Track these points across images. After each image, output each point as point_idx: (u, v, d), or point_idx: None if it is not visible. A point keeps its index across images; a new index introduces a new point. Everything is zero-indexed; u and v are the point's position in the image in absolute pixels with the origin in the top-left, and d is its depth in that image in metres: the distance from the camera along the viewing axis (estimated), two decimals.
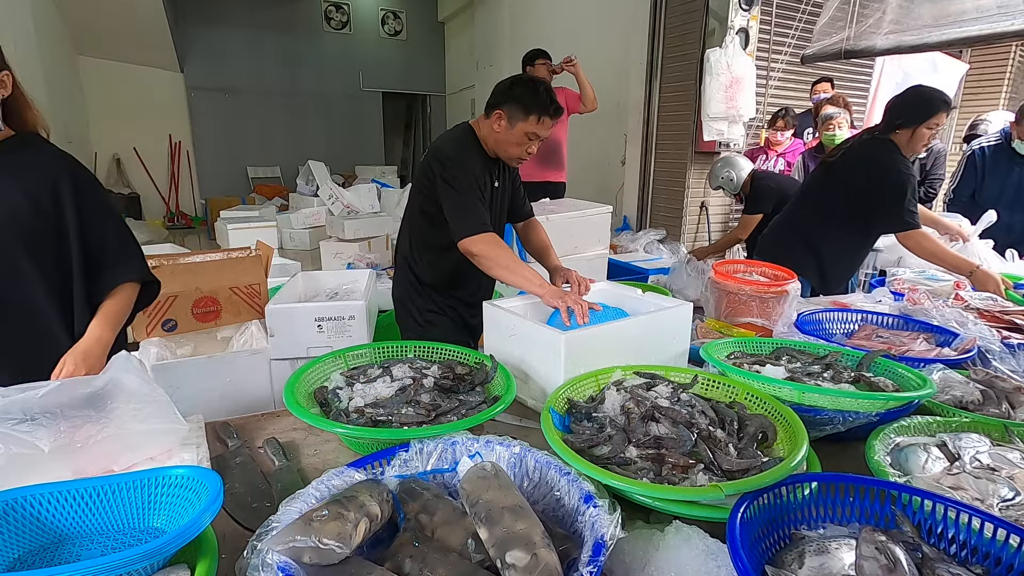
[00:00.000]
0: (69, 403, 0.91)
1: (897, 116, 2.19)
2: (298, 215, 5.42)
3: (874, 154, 2.24)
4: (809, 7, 4.38)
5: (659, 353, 1.39)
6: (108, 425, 0.91)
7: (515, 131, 1.72)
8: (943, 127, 2.21)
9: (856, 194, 2.24)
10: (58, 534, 0.76)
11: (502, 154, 1.80)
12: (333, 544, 0.63)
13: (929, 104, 2.13)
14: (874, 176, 2.20)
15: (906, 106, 2.19)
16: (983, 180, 3.07)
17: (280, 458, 1.06)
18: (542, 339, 1.27)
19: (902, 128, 2.17)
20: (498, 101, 1.73)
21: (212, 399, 1.95)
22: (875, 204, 2.21)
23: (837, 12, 3.64)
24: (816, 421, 1.05)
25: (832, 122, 3.39)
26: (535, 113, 1.69)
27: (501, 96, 1.73)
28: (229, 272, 2.28)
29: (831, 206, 2.32)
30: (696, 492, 0.79)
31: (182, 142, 8.50)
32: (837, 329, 1.77)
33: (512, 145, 1.75)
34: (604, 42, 5.37)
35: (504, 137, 1.74)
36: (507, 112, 1.71)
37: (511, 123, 1.71)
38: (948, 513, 0.74)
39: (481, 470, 0.77)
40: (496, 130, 1.75)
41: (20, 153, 1.22)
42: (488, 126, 1.78)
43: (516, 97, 1.70)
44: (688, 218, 4.70)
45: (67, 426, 0.88)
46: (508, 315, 1.37)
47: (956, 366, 1.36)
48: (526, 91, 1.70)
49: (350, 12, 9.35)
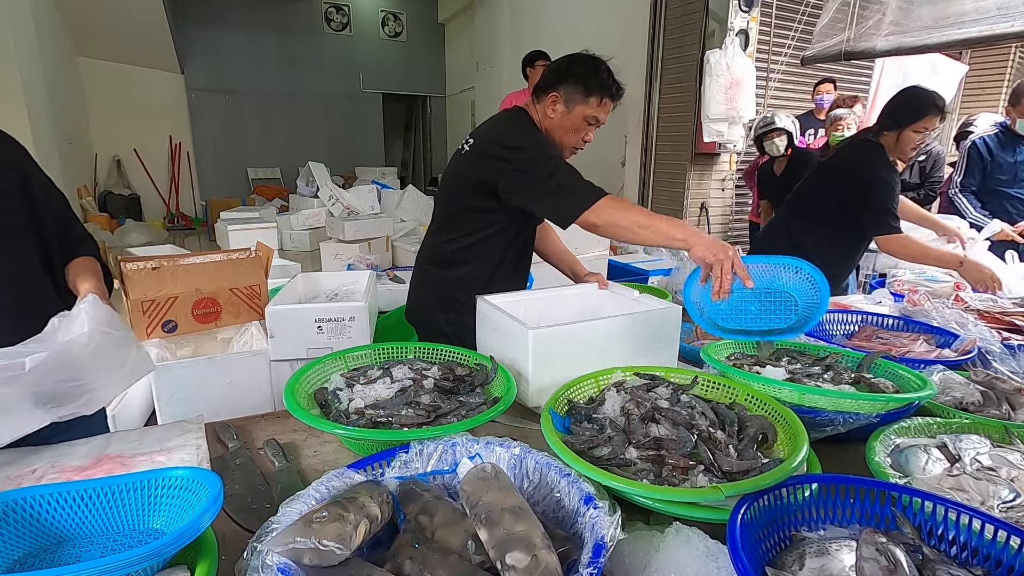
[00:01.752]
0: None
1: (887, 117, 2.18)
2: (298, 216, 5.42)
3: (858, 157, 2.22)
4: (809, 8, 4.38)
5: (641, 357, 1.29)
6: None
7: (573, 115, 1.54)
8: (934, 131, 2.18)
9: (842, 197, 2.23)
10: (58, 535, 0.76)
11: (561, 143, 1.61)
12: (333, 545, 0.63)
13: (918, 107, 2.09)
14: (857, 179, 2.18)
15: (896, 107, 2.17)
16: (992, 163, 3.10)
17: (280, 459, 1.06)
18: (512, 333, 1.23)
19: (889, 130, 2.15)
20: (552, 82, 1.54)
21: (212, 400, 1.95)
22: (857, 207, 2.19)
23: (837, 13, 3.64)
24: (816, 422, 1.05)
25: (840, 123, 3.40)
26: (597, 94, 1.51)
27: (556, 76, 1.54)
28: (229, 273, 2.28)
29: (820, 209, 2.31)
30: (696, 493, 0.79)
31: (182, 143, 8.51)
32: (837, 330, 1.77)
33: (569, 132, 1.57)
34: (604, 43, 5.35)
35: (560, 122, 1.56)
36: (564, 94, 1.52)
37: (568, 107, 1.53)
38: (948, 514, 0.74)
39: (481, 471, 0.77)
40: (551, 115, 1.56)
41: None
42: (541, 111, 1.59)
43: (576, 76, 1.51)
44: (688, 219, 4.70)
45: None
46: (494, 310, 1.35)
47: (956, 367, 1.36)
48: (586, 70, 1.52)
49: (350, 13, 9.37)
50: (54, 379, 0.91)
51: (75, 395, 0.93)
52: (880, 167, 2.16)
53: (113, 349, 0.98)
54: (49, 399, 0.92)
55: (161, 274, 2.12)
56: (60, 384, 0.92)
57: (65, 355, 0.92)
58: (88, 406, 0.95)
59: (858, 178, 2.18)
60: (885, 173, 2.15)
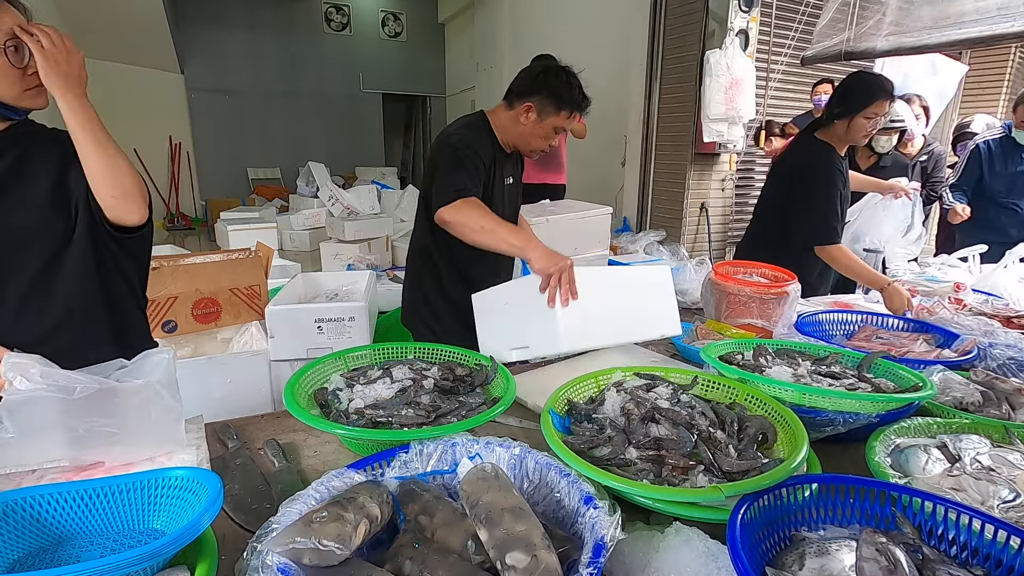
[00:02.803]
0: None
1: (836, 105, 2.10)
2: (298, 216, 5.42)
3: (804, 160, 2.18)
4: (809, 8, 4.38)
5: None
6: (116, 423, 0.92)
7: (544, 125, 1.62)
8: (884, 117, 2.09)
9: (790, 199, 2.19)
10: (58, 535, 0.76)
11: (523, 146, 1.70)
12: (333, 545, 0.63)
13: (868, 92, 2.03)
14: (800, 183, 2.15)
15: (845, 94, 2.10)
16: (989, 173, 3.08)
17: (280, 459, 1.06)
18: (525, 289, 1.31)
19: (840, 118, 2.08)
20: (527, 91, 1.61)
21: (212, 400, 1.95)
22: (797, 212, 2.15)
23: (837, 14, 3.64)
24: (816, 422, 1.05)
25: None
26: (568, 108, 1.60)
27: (531, 86, 1.61)
28: (229, 273, 2.29)
29: (778, 211, 2.26)
30: (696, 493, 0.79)
31: (182, 143, 8.50)
32: (837, 330, 1.77)
33: (539, 138, 1.66)
34: (604, 43, 5.38)
35: (531, 130, 1.64)
36: (538, 105, 1.60)
37: (541, 117, 1.61)
38: (948, 514, 0.74)
39: (481, 471, 0.77)
40: (523, 122, 1.64)
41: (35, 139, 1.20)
42: (511, 118, 1.66)
43: (549, 90, 1.59)
44: (688, 219, 4.71)
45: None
46: (495, 292, 1.37)
47: (956, 367, 1.36)
48: (560, 84, 1.59)
49: (350, 13, 9.36)
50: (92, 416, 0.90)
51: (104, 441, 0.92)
52: (825, 173, 2.11)
53: (158, 412, 0.96)
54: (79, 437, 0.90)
55: (161, 274, 2.12)
56: (93, 424, 0.90)
57: (111, 396, 0.91)
58: (110, 457, 0.94)
59: (805, 182, 2.14)
60: (827, 181, 2.10)
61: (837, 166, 2.15)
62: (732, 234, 4.82)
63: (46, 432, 0.88)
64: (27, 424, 0.86)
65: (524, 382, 1.35)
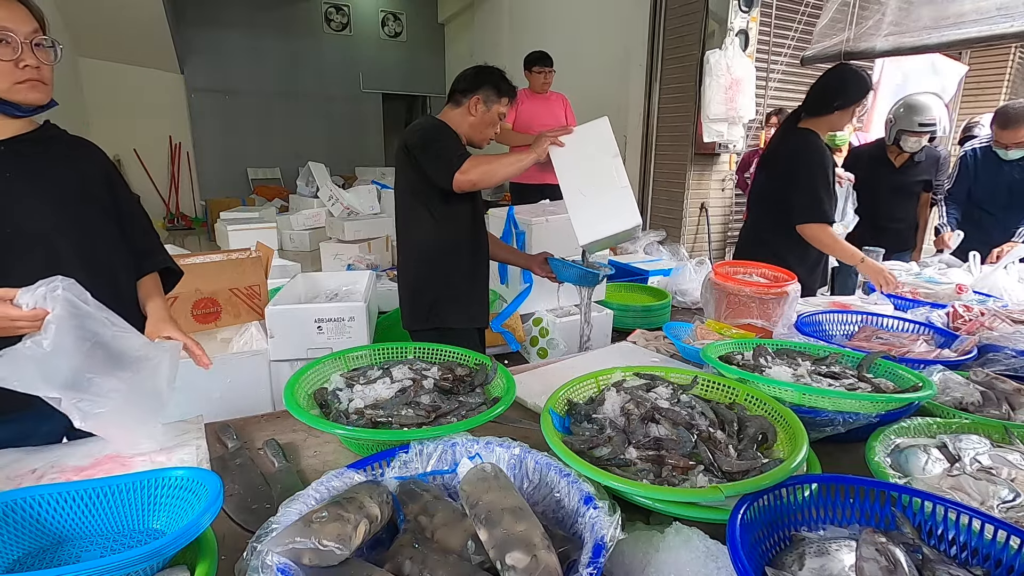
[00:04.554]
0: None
1: (835, 96, 2.21)
2: (298, 216, 5.43)
3: (794, 148, 2.30)
4: (809, 8, 4.38)
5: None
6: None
7: (491, 113, 1.90)
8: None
9: (782, 188, 2.30)
10: (58, 535, 0.76)
11: (476, 136, 1.94)
12: (333, 545, 0.63)
13: (862, 85, 2.20)
14: (791, 168, 2.27)
15: (842, 87, 2.21)
16: (976, 181, 3.07)
17: (280, 459, 1.06)
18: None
19: (841, 109, 2.21)
20: (472, 87, 1.88)
21: (212, 400, 1.95)
22: (790, 195, 2.26)
23: (837, 14, 3.64)
24: (816, 422, 1.05)
25: None
26: (506, 95, 1.90)
27: (474, 82, 1.88)
28: (229, 273, 2.29)
29: (769, 203, 2.38)
30: (696, 493, 0.79)
31: (182, 143, 8.50)
32: (837, 330, 1.77)
33: (487, 126, 1.92)
34: (604, 43, 5.38)
35: (480, 120, 1.90)
36: (484, 96, 1.88)
37: (488, 106, 1.88)
38: (948, 515, 0.74)
39: (481, 471, 0.77)
40: (473, 114, 1.89)
41: (61, 141, 1.24)
42: (460, 114, 1.91)
43: (491, 82, 1.88)
44: (688, 219, 4.71)
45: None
46: (567, 179, 1.79)
47: (956, 367, 1.36)
48: (496, 77, 1.89)
49: (350, 13, 9.36)
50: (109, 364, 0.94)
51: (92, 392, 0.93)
52: (815, 155, 2.24)
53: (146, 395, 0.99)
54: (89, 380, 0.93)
55: None
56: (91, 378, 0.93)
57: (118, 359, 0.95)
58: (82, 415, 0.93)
59: (795, 167, 2.27)
60: (820, 162, 2.23)
61: (823, 151, 2.27)
62: (732, 234, 4.82)
63: (70, 358, 0.90)
64: (62, 345, 0.88)
65: (524, 382, 1.36)
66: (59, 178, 1.18)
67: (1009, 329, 1.62)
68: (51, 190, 1.16)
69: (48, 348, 0.87)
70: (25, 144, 1.16)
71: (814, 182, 2.22)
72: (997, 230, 2.90)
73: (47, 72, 1.12)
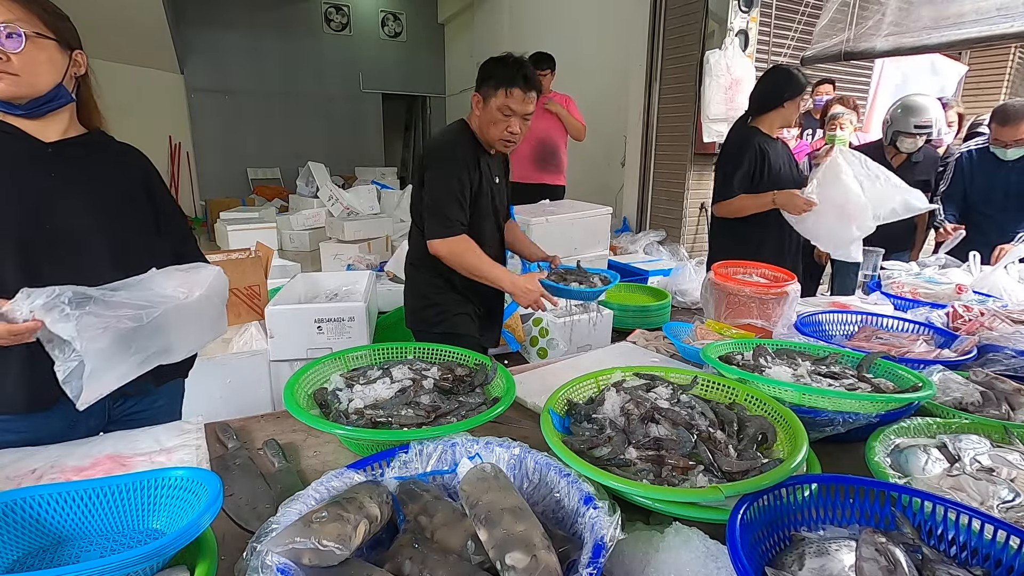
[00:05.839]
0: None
1: (784, 91, 2.43)
2: (298, 216, 5.43)
3: (726, 142, 2.55)
4: (809, 9, 4.39)
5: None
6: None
7: (490, 108, 1.69)
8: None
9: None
10: (57, 536, 0.76)
11: (487, 137, 1.75)
12: (333, 546, 0.63)
13: (798, 82, 2.44)
14: (719, 160, 2.54)
15: (784, 85, 2.45)
16: (972, 183, 3.07)
17: (280, 459, 1.06)
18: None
19: (789, 101, 2.43)
20: (477, 86, 1.73)
21: (212, 400, 1.95)
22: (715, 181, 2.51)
23: (836, 14, 3.65)
24: (816, 422, 1.05)
25: (836, 121, 3.39)
26: (504, 85, 1.65)
27: (479, 79, 1.73)
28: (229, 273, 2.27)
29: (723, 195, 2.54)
30: (696, 494, 0.79)
31: (182, 143, 8.50)
32: (837, 330, 1.77)
33: (491, 125, 1.70)
34: (604, 43, 5.38)
35: (483, 117, 1.72)
36: (483, 92, 1.70)
37: (486, 101, 1.69)
38: (948, 515, 0.74)
39: (481, 471, 0.77)
40: (478, 113, 1.73)
41: (107, 148, 1.25)
42: (473, 114, 1.78)
43: (487, 74, 1.69)
44: (688, 219, 4.71)
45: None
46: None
47: (956, 367, 1.35)
48: (495, 65, 1.68)
49: (350, 14, 9.37)
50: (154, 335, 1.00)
51: (159, 349, 1.02)
52: (742, 140, 2.45)
53: (210, 316, 1.14)
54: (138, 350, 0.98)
55: None
56: (153, 340, 1.00)
57: (172, 316, 1.02)
58: (168, 356, 1.04)
59: (720, 158, 2.54)
60: (743, 145, 2.43)
61: (755, 140, 2.44)
62: None
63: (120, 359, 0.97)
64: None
65: (524, 382, 1.36)
66: (101, 182, 1.19)
67: (1009, 329, 1.62)
68: (92, 193, 1.17)
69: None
70: (71, 147, 1.17)
71: (724, 166, 2.46)
72: (994, 233, 2.89)
73: (18, 63, 1.05)
